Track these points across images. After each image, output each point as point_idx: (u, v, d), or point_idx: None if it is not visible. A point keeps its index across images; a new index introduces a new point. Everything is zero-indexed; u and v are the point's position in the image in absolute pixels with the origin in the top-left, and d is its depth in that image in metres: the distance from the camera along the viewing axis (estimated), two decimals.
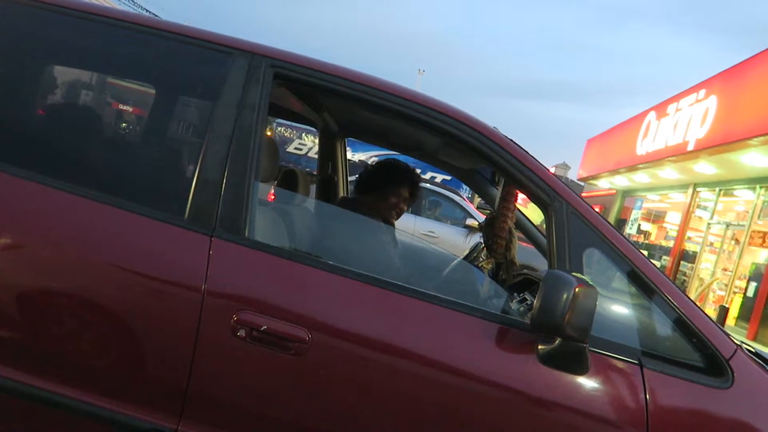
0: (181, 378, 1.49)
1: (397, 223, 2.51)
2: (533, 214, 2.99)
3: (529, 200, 1.66)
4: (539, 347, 1.46)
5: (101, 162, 1.80)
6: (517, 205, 2.48)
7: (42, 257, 1.55)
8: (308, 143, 15.40)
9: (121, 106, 2.12)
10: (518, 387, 1.48)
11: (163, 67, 1.86)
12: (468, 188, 13.31)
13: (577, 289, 1.35)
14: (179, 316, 1.49)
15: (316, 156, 3.03)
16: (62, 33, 1.82)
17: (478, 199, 12.86)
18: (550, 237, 1.58)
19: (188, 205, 1.56)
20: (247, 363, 1.48)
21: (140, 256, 1.54)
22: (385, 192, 2.46)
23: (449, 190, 8.68)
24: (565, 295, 1.34)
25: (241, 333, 1.46)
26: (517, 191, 2.34)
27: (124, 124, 2.21)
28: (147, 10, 19.07)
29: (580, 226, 1.57)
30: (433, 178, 12.99)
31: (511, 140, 1.67)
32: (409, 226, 7.30)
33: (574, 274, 1.40)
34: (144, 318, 1.51)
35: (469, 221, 7.65)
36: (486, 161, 1.74)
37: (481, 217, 7.86)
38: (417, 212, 7.86)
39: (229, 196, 1.57)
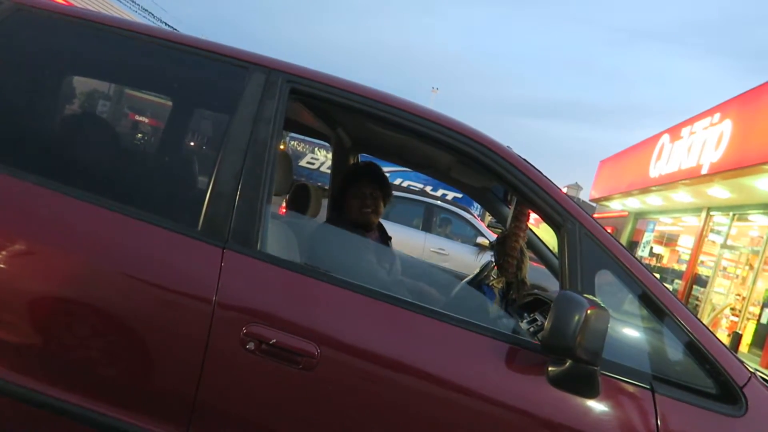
0: (190, 389, 1.49)
1: (406, 239, 2.50)
2: (545, 234, 2.98)
3: (541, 220, 1.66)
4: (549, 369, 1.45)
5: (117, 172, 1.82)
6: (529, 225, 2.47)
7: (56, 265, 1.56)
8: (321, 158, 15.49)
9: (138, 118, 2.15)
10: (527, 408, 1.46)
11: (181, 80, 1.89)
12: (479, 206, 13.29)
13: (589, 311, 1.33)
14: (189, 327, 1.50)
15: (329, 171, 3.04)
16: (82, 44, 1.85)
17: (489, 218, 12.83)
18: (563, 258, 1.57)
19: (202, 217, 1.57)
20: (256, 376, 1.48)
21: (152, 266, 1.55)
22: (347, 198, 2.41)
23: (460, 208, 8.65)
24: (576, 317, 1.33)
25: (251, 346, 1.46)
26: (529, 211, 2.34)
27: (140, 135, 2.24)
28: (166, 24, 19.36)
29: (593, 247, 1.56)
30: (444, 195, 12.99)
31: (525, 160, 1.67)
32: (420, 243, 7.29)
33: (586, 295, 1.39)
34: (154, 328, 1.51)
35: (480, 239, 7.61)
36: (499, 180, 1.74)
37: (492, 236, 7.83)
38: (428, 229, 7.84)
39: (243, 209, 1.58)
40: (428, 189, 13.86)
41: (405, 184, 14.31)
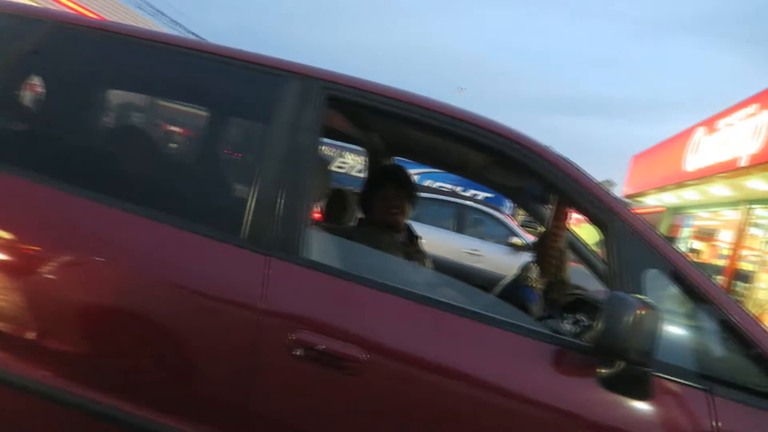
0: (239, 396, 1.50)
1: (439, 241, 2.48)
2: (585, 233, 2.93)
3: (582, 220, 1.63)
4: (600, 371, 1.42)
5: (161, 183, 1.85)
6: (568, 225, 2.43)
7: (104, 275, 1.59)
8: (350, 162, 15.53)
9: (179, 129, 2.18)
10: (577, 411, 1.44)
11: (219, 90, 1.91)
12: (510, 205, 13.17)
13: (640, 312, 1.31)
14: (237, 335, 1.51)
15: (358, 174, 3.05)
16: (121, 58, 1.89)
17: (521, 216, 12.70)
18: (609, 257, 1.54)
19: (245, 225, 1.59)
20: (304, 382, 1.49)
21: (199, 275, 1.57)
22: (373, 200, 2.40)
23: (491, 208, 8.57)
24: (628, 318, 1.31)
25: (298, 352, 1.47)
26: (569, 210, 2.30)
27: (182, 147, 2.28)
28: (193, 33, 19.65)
29: (640, 246, 1.53)
30: (475, 195, 12.90)
31: (565, 158, 1.65)
32: (452, 244, 7.24)
33: (637, 295, 1.36)
34: (201, 336, 1.53)
35: (514, 239, 7.53)
36: (540, 180, 1.72)
37: (525, 235, 7.74)
38: (460, 230, 7.78)
39: (285, 216, 1.59)
40: (459, 189, 13.78)
41: (435, 185, 14.26)
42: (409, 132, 2.48)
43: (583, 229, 3.20)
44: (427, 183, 14.23)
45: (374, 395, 1.48)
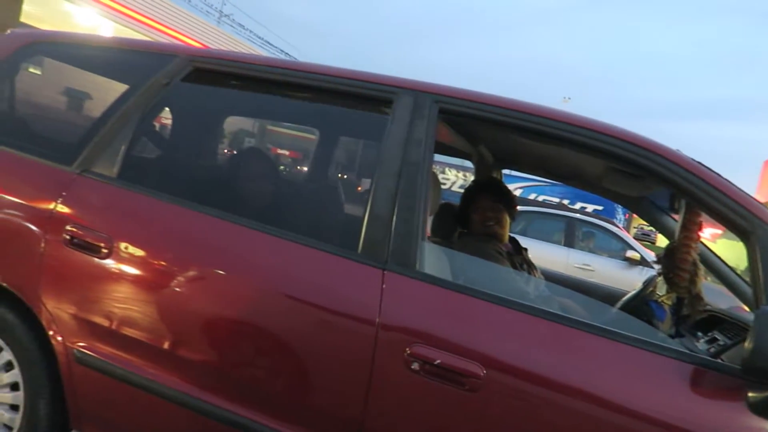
0: (356, 408, 1.52)
1: (547, 256, 2.39)
2: (721, 249, 2.69)
3: (717, 236, 1.49)
4: (750, 395, 1.28)
5: (282, 201, 1.93)
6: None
7: (230, 288, 1.67)
8: (451, 177, 15.49)
9: (293, 150, 2.28)
10: None
11: (332, 109, 1.97)
12: (622, 218, 12.47)
13: None
14: (354, 348, 1.52)
15: (459, 190, 3.02)
16: (243, 87, 1.99)
17: (633, 229, 11.99)
18: (755, 269, 1.40)
19: (361, 240, 1.61)
20: (421, 396, 1.47)
21: (316, 289, 1.60)
22: (468, 215, 2.40)
23: (603, 221, 8.14)
24: None
25: (415, 366, 1.46)
26: (701, 219, 2.13)
27: (299, 167, 2.38)
28: (285, 53, 20.50)
29: None
30: (583, 208, 12.37)
31: (700, 163, 1.53)
32: (561, 259, 6.96)
33: None
34: (319, 348, 1.56)
35: (629, 253, 7.09)
36: (671, 187, 1.61)
37: (642, 249, 7.28)
38: (570, 244, 7.47)
39: (400, 230, 1.59)
40: (565, 202, 13.29)
41: (540, 198, 13.84)
42: (519, 143, 2.42)
43: (718, 245, 2.95)
44: (531, 196, 13.84)
45: (493, 412, 1.43)
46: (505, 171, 3.22)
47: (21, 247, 1.81)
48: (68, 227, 1.77)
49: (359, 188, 1.80)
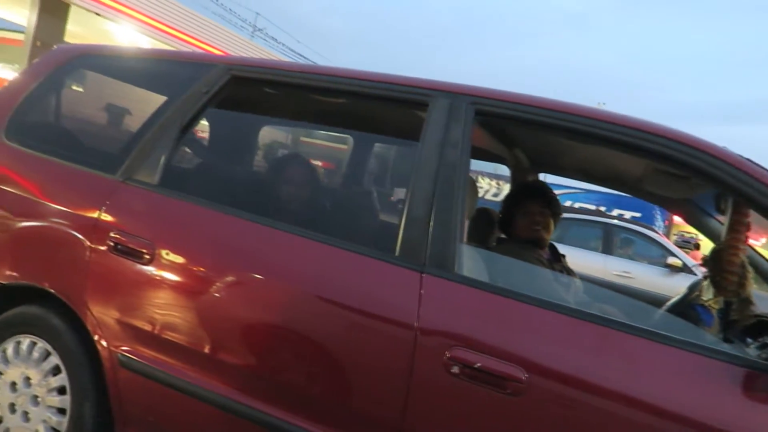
0: (396, 412, 1.50)
1: (585, 263, 2.34)
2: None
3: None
4: None
5: (318, 205, 1.94)
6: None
7: (269, 293, 1.68)
8: (485, 185, 15.36)
9: (326, 161, 2.30)
10: None
11: (369, 113, 1.98)
12: (662, 224, 12.16)
13: None
14: (393, 352, 1.51)
15: (493, 198, 2.98)
16: (280, 95, 2.02)
17: (674, 236, 11.69)
18: None
19: (399, 242, 1.60)
20: (462, 400, 1.45)
21: (355, 292, 1.60)
22: (515, 217, 2.36)
23: (643, 227, 7.95)
24: None
25: (455, 370, 1.44)
26: (749, 220, 2.05)
27: (335, 170, 2.40)
28: (307, 59, 20.63)
29: None
30: (621, 215, 12.11)
31: (750, 160, 1.48)
32: (600, 266, 6.82)
33: None
34: (358, 352, 1.56)
35: (671, 260, 6.90)
36: (718, 186, 1.56)
37: (683, 255, 7.08)
38: (608, 251, 7.31)
39: (438, 233, 1.58)
40: (602, 209, 13.03)
41: (576, 205, 13.61)
42: (557, 145, 2.38)
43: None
44: (567, 204, 13.63)
45: (537, 416, 1.40)
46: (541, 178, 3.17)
47: (68, 255, 1.86)
48: (112, 234, 1.81)
49: (391, 197, 1.80)
